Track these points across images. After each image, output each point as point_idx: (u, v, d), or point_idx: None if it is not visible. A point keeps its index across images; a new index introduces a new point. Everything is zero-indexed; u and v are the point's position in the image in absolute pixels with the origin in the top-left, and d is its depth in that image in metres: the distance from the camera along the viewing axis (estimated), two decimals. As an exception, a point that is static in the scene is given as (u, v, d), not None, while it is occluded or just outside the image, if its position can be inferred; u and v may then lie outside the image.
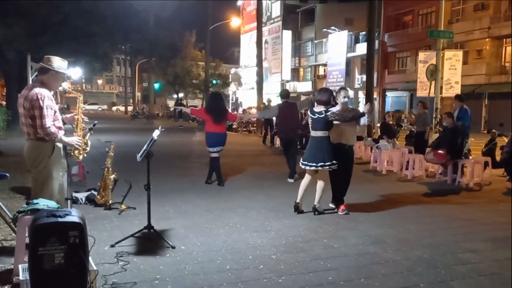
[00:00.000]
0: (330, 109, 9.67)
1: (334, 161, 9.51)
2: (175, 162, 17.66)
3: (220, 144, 12.99)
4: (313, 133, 9.76)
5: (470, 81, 41.72)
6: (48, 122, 6.57)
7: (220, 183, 13.02)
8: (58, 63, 6.89)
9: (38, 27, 29.32)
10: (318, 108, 9.72)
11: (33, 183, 6.98)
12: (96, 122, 8.76)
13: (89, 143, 7.63)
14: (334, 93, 10.11)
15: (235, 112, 17.89)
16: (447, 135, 14.15)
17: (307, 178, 9.85)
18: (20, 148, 7.16)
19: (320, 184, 9.73)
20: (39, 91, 6.61)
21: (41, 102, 6.53)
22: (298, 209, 9.78)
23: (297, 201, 9.84)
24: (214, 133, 12.92)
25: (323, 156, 9.54)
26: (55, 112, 6.78)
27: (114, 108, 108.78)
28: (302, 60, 77.81)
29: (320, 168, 9.56)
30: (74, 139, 7.13)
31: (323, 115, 9.57)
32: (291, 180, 13.75)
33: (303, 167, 9.83)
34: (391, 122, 18.89)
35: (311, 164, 9.61)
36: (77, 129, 7.32)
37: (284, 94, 14.82)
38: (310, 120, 9.84)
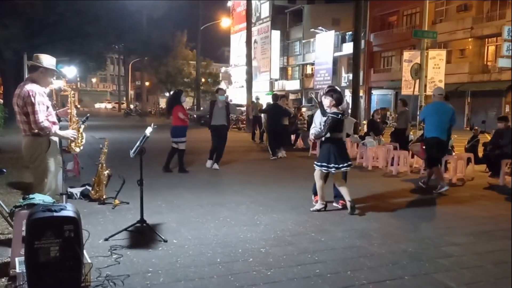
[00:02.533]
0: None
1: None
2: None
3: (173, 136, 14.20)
4: (334, 135, 9.28)
5: (453, 80, 41.86)
6: (41, 117, 6.62)
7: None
8: (47, 60, 6.94)
9: (34, 27, 29.31)
10: (336, 109, 9.22)
11: (33, 177, 7.01)
12: (88, 115, 8.77)
13: (84, 135, 7.65)
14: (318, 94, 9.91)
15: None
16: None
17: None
18: (17, 144, 7.18)
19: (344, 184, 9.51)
20: (31, 88, 6.67)
21: (32, 98, 6.58)
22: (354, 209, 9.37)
23: (350, 199, 9.40)
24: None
25: (347, 156, 9.49)
26: (47, 107, 6.82)
27: (102, 105, 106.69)
28: (290, 59, 77.93)
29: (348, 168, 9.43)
30: (69, 132, 7.17)
31: (341, 117, 9.23)
32: (216, 166, 14.97)
33: (327, 170, 9.31)
34: (378, 120, 18.92)
35: (339, 166, 9.20)
36: (71, 122, 7.35)
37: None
38: (323, 122, 9.26)
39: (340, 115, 9.17)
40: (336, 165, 9.19)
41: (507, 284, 5.89)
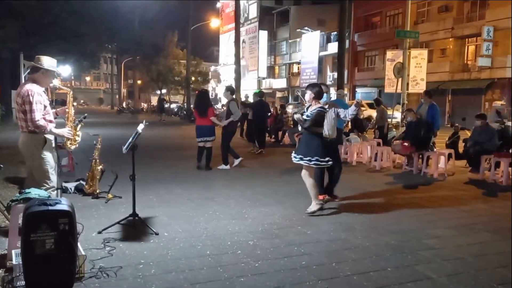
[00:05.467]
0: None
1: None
2: (158, 154, 17.63)
3: (205, 135, 13.78)
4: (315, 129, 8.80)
5: (434, 78, 42.05)
6: (37, 116, 6.65)
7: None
8: (47, 62, 6.97)
9: (30, 27, 29.17)
10: (319, 104, 8.83)
11: (35, 173, 7.01)
12: (86, 114, 8.75)
13: (80, 134, 7.64)
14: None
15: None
16: (412, 128, 14.28)
17: None
18: (13, 140, 7.16)
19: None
20: (30, 87, 6.71)
21: (31, 97, 6.63)
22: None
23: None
24: (198, 125, 13.95)
25: (319, 151, 8.81)
26: (45, 106, 6.86)
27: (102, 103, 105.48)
28: (277, 58, 77.95)
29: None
30: (64, 131, 7.19)
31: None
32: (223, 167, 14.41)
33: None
34: (361, 117, 18.99)
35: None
36: (68, 121, 7.35)
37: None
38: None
39: (323, 109, 8.73)
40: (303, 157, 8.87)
41: (486, 275, 5.92)
